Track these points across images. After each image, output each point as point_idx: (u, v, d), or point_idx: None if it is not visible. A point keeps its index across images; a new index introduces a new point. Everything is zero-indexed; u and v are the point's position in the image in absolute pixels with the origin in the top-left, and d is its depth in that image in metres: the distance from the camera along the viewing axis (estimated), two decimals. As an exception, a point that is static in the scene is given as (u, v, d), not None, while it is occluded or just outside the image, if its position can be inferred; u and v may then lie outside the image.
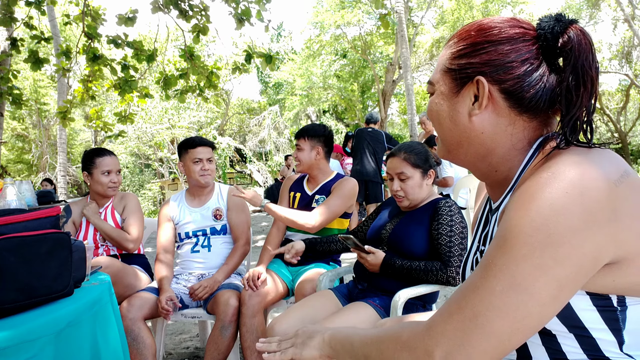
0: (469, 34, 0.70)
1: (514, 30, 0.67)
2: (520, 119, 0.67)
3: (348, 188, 2.17)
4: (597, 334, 0.61)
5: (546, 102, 0.66)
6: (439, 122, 0.75)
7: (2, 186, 1.49)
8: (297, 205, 2.27)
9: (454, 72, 0.71)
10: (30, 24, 4.38)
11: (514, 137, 0.68)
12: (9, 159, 20.06)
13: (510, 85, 0.66)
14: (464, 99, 0.70)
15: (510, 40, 0.66)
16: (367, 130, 5.28)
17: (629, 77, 16.09)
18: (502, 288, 0.55)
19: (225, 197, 2.33)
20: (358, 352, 0.72)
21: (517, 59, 0.65)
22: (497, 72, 0.66)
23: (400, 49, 9.83)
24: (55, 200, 3.28)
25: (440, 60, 0.75)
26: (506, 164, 0.70)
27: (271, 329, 1.57)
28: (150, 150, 16.94)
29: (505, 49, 0.66)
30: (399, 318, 1.09)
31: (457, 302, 0.60)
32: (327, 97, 18.97)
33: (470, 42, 0.69)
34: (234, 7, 4.07)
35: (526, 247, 0.55)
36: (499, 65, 0.66)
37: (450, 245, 1.56)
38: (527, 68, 0.65)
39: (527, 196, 0.57)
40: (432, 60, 18.46)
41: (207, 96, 4.97)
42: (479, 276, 0.59)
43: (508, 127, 0.68)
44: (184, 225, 2.28)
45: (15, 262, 1.12)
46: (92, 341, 1.28)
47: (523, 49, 0.65)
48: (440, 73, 0.74)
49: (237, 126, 21.10)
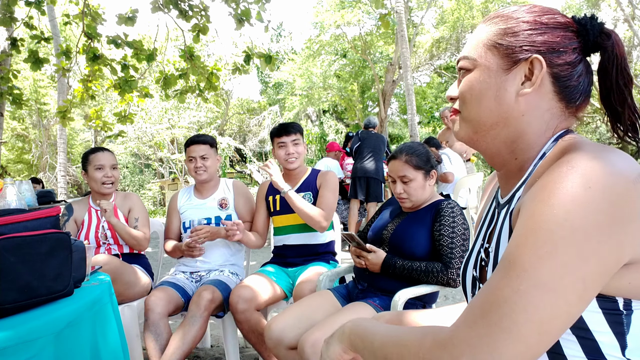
0: (522, 13, 0.70)
1: (563, 18, 0.68)
2: (558, 106, 0.68)
3: (334, 181, 2.21)
4: (601, 337, 0.60)
5: (582, 95, 0.68)
6: (479, 100, 0.71)
7: (2, 186, 1.49)
8: (279, 207, 2.26)
9: (505, 48, 0.69)
10: (30, 24, 4.38)
11: (547, 124, 0.69)
12: (9, 159, 20.05)
13: (561, 70, 0.66)
14: (514, 77, 0.68)
15: (561, 27, 0.67)
16: (370, 132, 5.37)
17: (629, 77, 16.07)
18: (527, 287, 0.52)
19: (232, 188, 2.41)
20: (377, 352, 0.70)
21: (570, 45, 0.66)
22: (551, 55, 0.66)
23: (400, 49, 9.82)
24: (55, 200, 3.28)
25: (480, 36, 0.73)
26: (528, 151, 0.70)
27: (268, 328, 1.58)
28: (150, 150, 16.95)
29: (560, 34, 0.67)
30: (397, 313, 1.08)
31: (480, 306, 0.56)
32: (327, 97, 18.96)
33: (526, 21, 0.69)
34: (234, 7, 4.07)
35: (550, 243, 0.52)
36: (554, 48, 0.66)
37: (451, 247, 1.56)
38: (576, 57, 0.67)
39: (547, 190, 0.55)
40: (432, 60, 18.46)
41: (207, 96, 4.96)
42: (501, 276, 0.55)
43: (546, 112, 0.68)
44: (189, 213, 2.34)
45: (15, 262, 1.12)
46: (92, 341, 1.28)
47: (572, 38, 0.67)
48: (485, 48, 0.71)
49: (237, 126, 21.10)
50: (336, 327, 1.44)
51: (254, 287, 1.95)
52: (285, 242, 2.26)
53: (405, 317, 1.05)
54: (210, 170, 2.31)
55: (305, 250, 2.21)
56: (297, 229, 2.22)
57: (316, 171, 2.31)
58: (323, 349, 0.85)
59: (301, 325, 1.53)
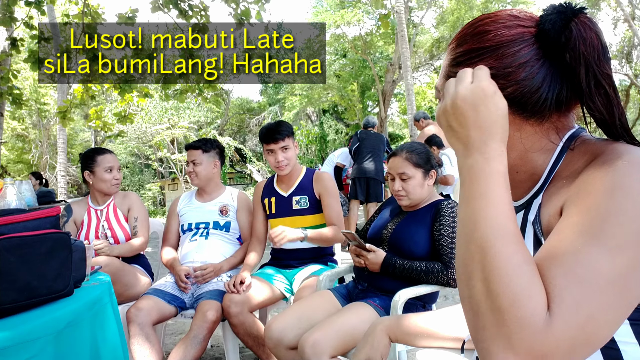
0: (464, 39, 0.67)
1: (510, 31, 0.63)
2: (527, 124, 0.65)
3: (333, 184, 2.17)
4: (625, 347, 0.58)
5: (554, 102, 0.63)
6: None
7: (2, 186, 1.49)
8: (275, 210, 2.20)
9: None
10: (30, 24, 4.38)
11: (525, 141, 0.65)
12: (9, 159, 20.06)
13: (511, 92, 0.62)
14: None
15: (507, 44, 0.62)
16: (370, 132, 5.35)
17: (629, 77, 16.10)
18: (608, 280, 0.48)
19: (236, 198, 2.37)
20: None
21: (513, 64, 0.61)
22: (495, 80, 0.61)
23: (400, 49, 9.83)
24: (55, 200, 3.28)
25: (443, 64, 0.73)
26: (526, 165, 0.67)
27: (268, 328, 1.57)
28: (150, 150, 16.95)
29: (502, 53, 0.62)
30: (397, 317, 1.08)
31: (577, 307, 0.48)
32: (327, 97, 18.97)
33: (466, 49, 0.66)
34: (233, 7, 4.07)
35: (620, 237, 0.49)
36: (495, 73, 0.61)
37: (451, 247, 1.56)
38: (527, 72, 0.61)
39: (609, 185, 0.52)
40: (432, 60, 18.47)
41: (207, 96, 4.97)
42: (578, 276, 0.49)
43: (515, 132, 0.65)
44: (188, 215, 2.32)
45: (15, 262, 1.12)
46: (92, 341, 1.28)
47: (522, 52, 0.62)
48: (443, 80, 0.71)
49: (237, 126, 21.11)
50: (336, 327, 1.45)
51: (247, 292, 1.93)
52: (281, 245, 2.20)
53: (405, 321, 1.05)
54: (201, 175, 2.28)
55: (303, 254, 2.17)
56: None
57: (311, 171, 2.25)
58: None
59: (301, 325, 1.53)
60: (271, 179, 2.32)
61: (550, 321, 0.47)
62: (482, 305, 0.50)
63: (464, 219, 0.56)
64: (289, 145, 2.10)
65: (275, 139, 2.06)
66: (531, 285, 0.48)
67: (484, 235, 0.52)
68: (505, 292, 0.48)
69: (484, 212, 0.54)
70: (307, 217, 2.16)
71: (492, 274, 0.50)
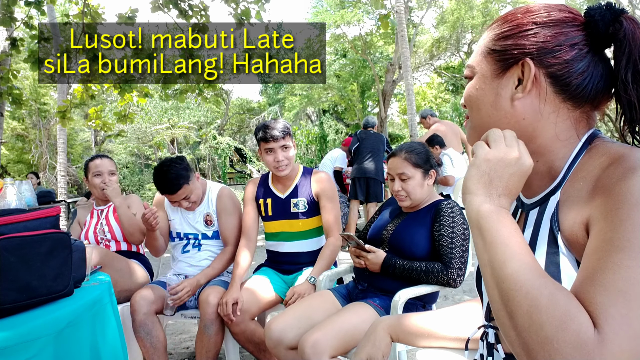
0: (515, 16, 0.68)
1: (562, 14, 0.65)
2: (565, 106, 0.66)
3: (331, 186, 2.09)
4: None
5: (592, 92, 0.64)
6: (478, 107, 0.72)
7: (2, 186, 1.49)
8: (271, 212, 2.10)
9: (497, 54, 0.69)
10: (30, 24, 4.38)
11: (557, 126, 0.66)
12: (9, 159, 20.04)
13: (558, 69, 0.64)
14: (507, 82, 0.68)
15: (558, 24, 0.64)
16: (370, 132, 5.35)
17: (629, 77, 16.07)
18: None
19: (214, 201, 2.20)
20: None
21: (566, 42, 0.63)
22: (544, 55, 0.64)
23: (400, 49, 9.82)
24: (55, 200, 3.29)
25: (481, 42, 0.73)
26: (548, 154, 0.68)
27: (268, 328, 1.57)
28: (150, 151, 16.95)
29: (554, 32, 0.64)
30: (398, 317, 1.08)
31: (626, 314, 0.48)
32: (327, 97, 18.95)
33: (517, 23, 0.67)
34: (233, 7, 4.07)
35: None
36: (546, 47, 0.64)
37: (451, 247, 1.56)
38: (575, 53, 0.63)
39: (638, 196, 0.52)
40: (432, 60, 18.46)
41: (207, 96, 4.97)
42: (620, 290, 0.49)
43: (551, 114, 0.66)
44: (179, 225, 2.23)
45: (15, 262, 1.12)
46: (92, 341, 1.28)
47: (572, 33, 0.64)
48: (482, 55, 0.71)
49: (237, 126, 21.10)
50: (336, 327, 1.45)
51: (247, 296, 1.89)
52: (278, 248, 2.14)
53: (406, 320, 1.05)
54: (194, 199, 2.12)
55: (300, 258, 2.11)
56: (291, 237, 2.10)
57: (308, 170, 2.16)
58: None
59: (301, 325, 1.53)
60: (265, 177, 2.19)
61: (601, 338, 0.47)
62: (531, 340, 0.50)
63: (491, 262, 0.57)
64: (288, 144, 2.01)
65: (275, 137, 1.96)
66: (570, 308, 0.49)
67: (514, 273, 0.54)
68: (549, 319, 0.49)
69: (509, 252, 0.56)
70: (306, 220, 2.09)
71: (532, 307, 0.51)
